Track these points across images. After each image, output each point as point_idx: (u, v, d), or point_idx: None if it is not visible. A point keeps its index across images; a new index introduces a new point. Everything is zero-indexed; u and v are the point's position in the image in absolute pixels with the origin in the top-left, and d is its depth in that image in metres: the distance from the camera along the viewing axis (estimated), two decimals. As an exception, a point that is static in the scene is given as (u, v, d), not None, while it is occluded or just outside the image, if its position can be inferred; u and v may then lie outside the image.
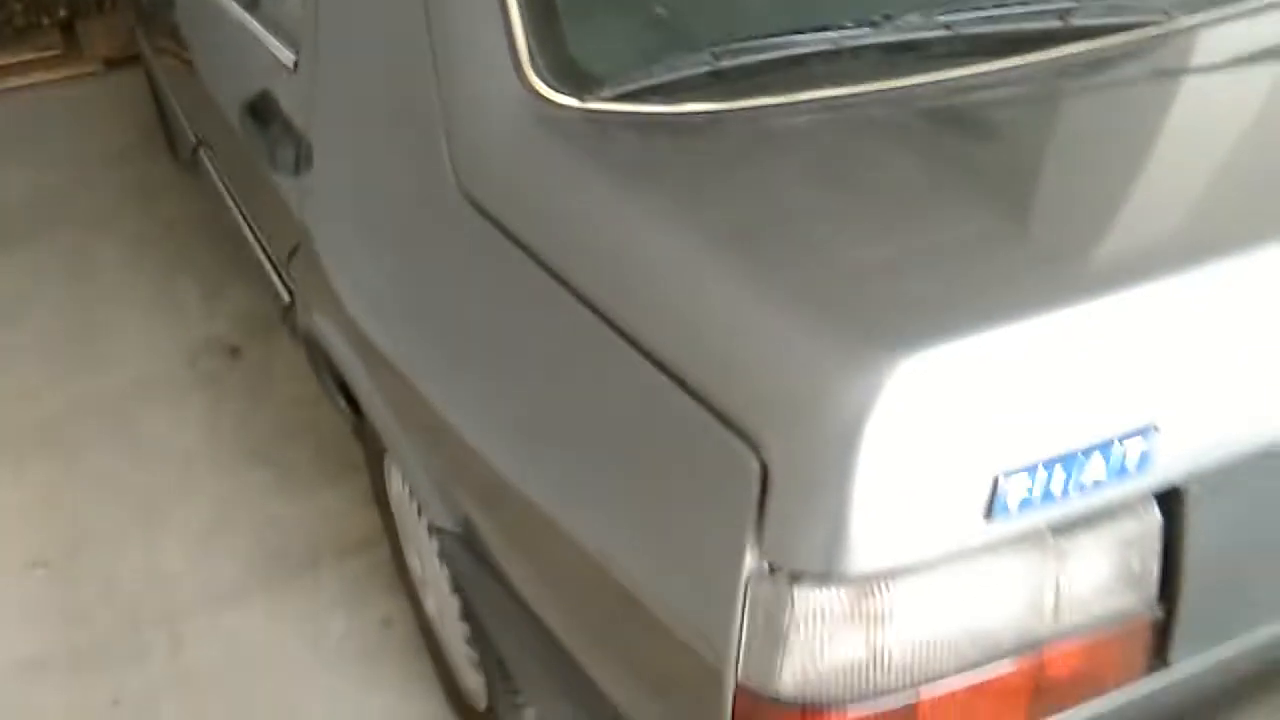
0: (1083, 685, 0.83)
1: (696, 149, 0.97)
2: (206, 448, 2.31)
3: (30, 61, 4.28)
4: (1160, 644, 0.85)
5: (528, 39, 1.05)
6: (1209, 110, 1.00)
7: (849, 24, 1.02)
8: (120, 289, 2.90)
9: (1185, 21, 1.06)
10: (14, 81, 4.19)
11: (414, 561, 1.64)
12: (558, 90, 1.03)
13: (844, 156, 0.94)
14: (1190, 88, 1.03)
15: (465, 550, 1.20)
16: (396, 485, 1.58)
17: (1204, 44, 1.06)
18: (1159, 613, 0.83)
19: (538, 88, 1.03)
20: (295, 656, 1.84)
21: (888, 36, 1.02)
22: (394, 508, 1.66)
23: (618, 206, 0.94)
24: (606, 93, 1.02)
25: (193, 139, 2.39)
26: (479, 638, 1.35)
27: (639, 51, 1.07)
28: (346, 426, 1.74)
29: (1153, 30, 1.05)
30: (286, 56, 1.47)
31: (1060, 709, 0.84)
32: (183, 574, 2.02)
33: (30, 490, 2.26)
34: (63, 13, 4.54)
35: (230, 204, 2.11)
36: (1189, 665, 0.86)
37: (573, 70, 1.04)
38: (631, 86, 1.02)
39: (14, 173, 3.55)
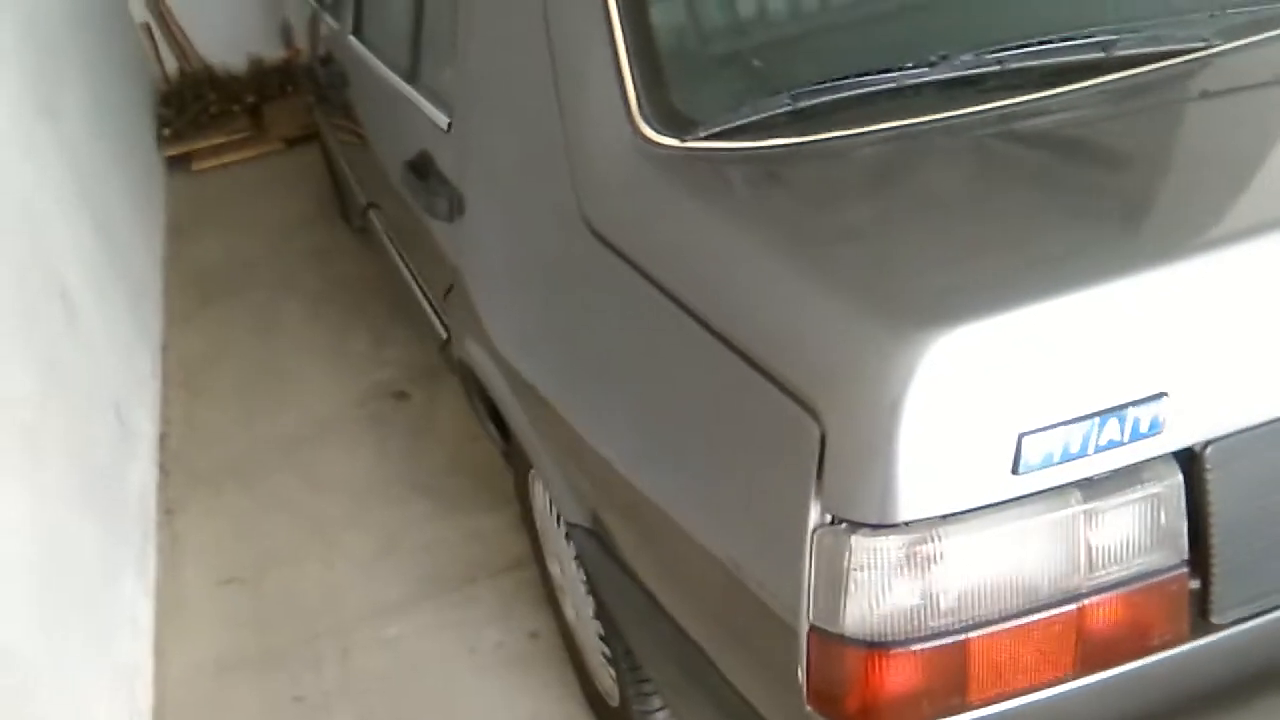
0: (1127, 641, 0.91)
1: (778, 176, 1.12)
2: (375, 481, 2.54)
3: (223, 144, 4.73)
4: (1201, 605, 0.92)
5: (636, 90, 1.21)
6: (1230, 124, 1.08)
7: (909, 64, 1.15)
8: (301, 340, 3.20)
9: (1222, 48, 1.15)
10: (210, 162, 4.64)
11: (555, 569, 1.80)
12: (662, 133, 1.19)
13: (899, 177, 1.07)
14: (1218, 107, 1.11)
15: (595, 544, 1.36)
16: (539, 499, 1.75)
17: (1238, 68, 1.15)
18: (1193, 572, 0.91)
19: (645, 131, 1.20)
20: (452, 664, 2.01)
21: (944, 74, 1.15)
22: (538, 523, 1.83)
23: (711, 228, 1.09)
24: (702, 133, 1.18)
25: (363, 202, 2.66)
26: (610, 632, 1.50)
27: (729, 96, 1.22)
28: (497, 452, 1.93)
29: (1192, 57, 1.15)
30: (441, 120, 1.69)
31: (1107, 664, 0.91)
32: (353, 591, 2.23)
33: (224, 517, 2.53)
34: (250, 99, 5.02)
35: (396, 257, 2.35)
36: (1234, 629, 0.92)
37: (674, 115, 1.20)
38: (723, 127, 1.17)
39: (212, 241, 3.95)
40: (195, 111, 4.90)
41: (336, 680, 2.04)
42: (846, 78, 1.16)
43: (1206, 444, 0.88)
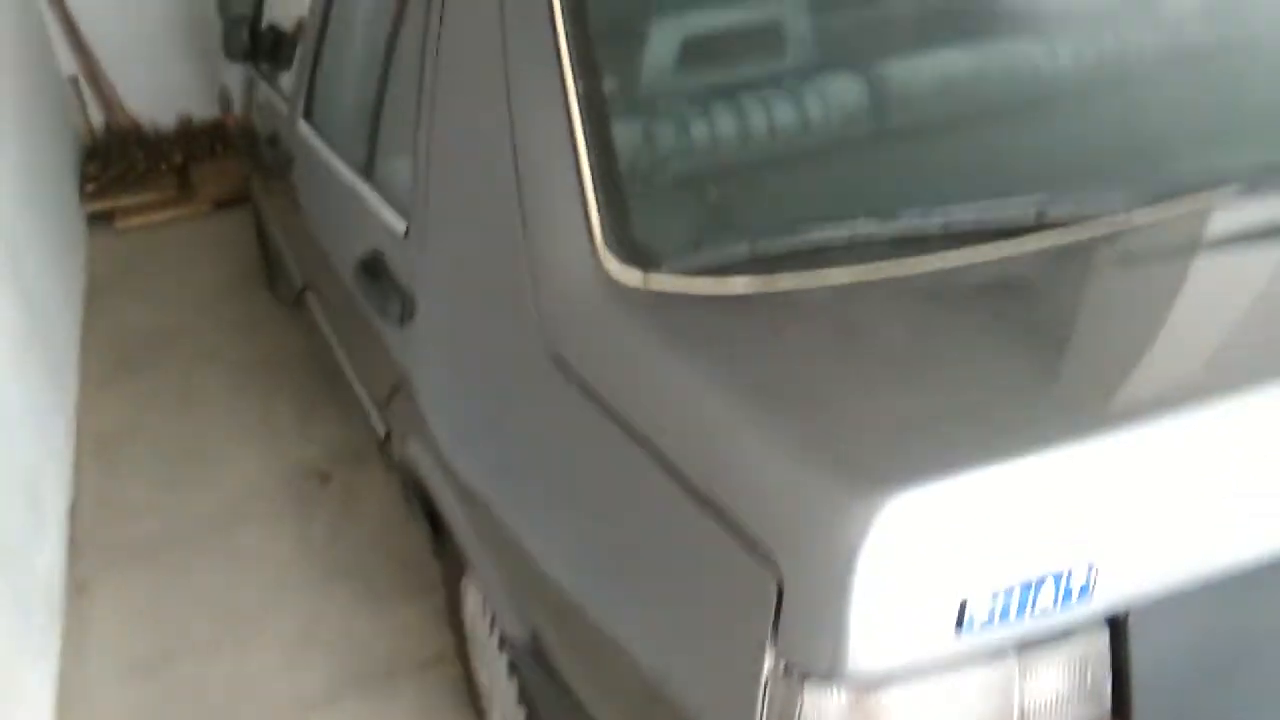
0: None
1: (737, 320, 1.17)
2: (295, 565, 2.50)
3: (148, 203, 4.66)
4: None
5: (601, 221, 1.26)
6: (1151, 291, 1.17)
7: (860, 216, 1.22)
8: (223, 413, 3.15)
9: (1141, 218, 1.24)
10: (134, 220, 4.57)
11: (483, 677, 1.80)
12: (625, 266, 1.23)
13: (856, 330, 1.13)
14: (1136, 273, 1.20)
15: (535, 661, 1.37)
16: (472, 604, 1.75)
17: (1154, 238, 1.23)
18: None
19: (607, 264, 1.24)
20: (370, 763, 1.99)
21: (891, 229, 1.22)
22: (467, 626, 1.83)
23: (671, 369, 1.13)
24: (665, 270, 1.22)
25: (299, 283, 2.66)
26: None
27: (692, 235, 1.28)
28: (428, 548, 1.92)
29: (1111, 224, 1.23)
30: (397, 225, 1.71)
31: None
32: (269, 682, 2.18)
33: (135, 599, 2.46)
34: (179, 158, 4.97)
35: (332, 343, 2.35)
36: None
37: (637, 250, 1.24)
38: (685, 265, 1.22)
39: (133, 304, 3.88)
40: (121, 168, 4.83)
41: (248, 778, 1.99)
42: (804, 226, 1.23)
43: (1129, 609, 0.94)
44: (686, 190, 1.37)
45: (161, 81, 5.20)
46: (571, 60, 1.38)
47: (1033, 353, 1.09)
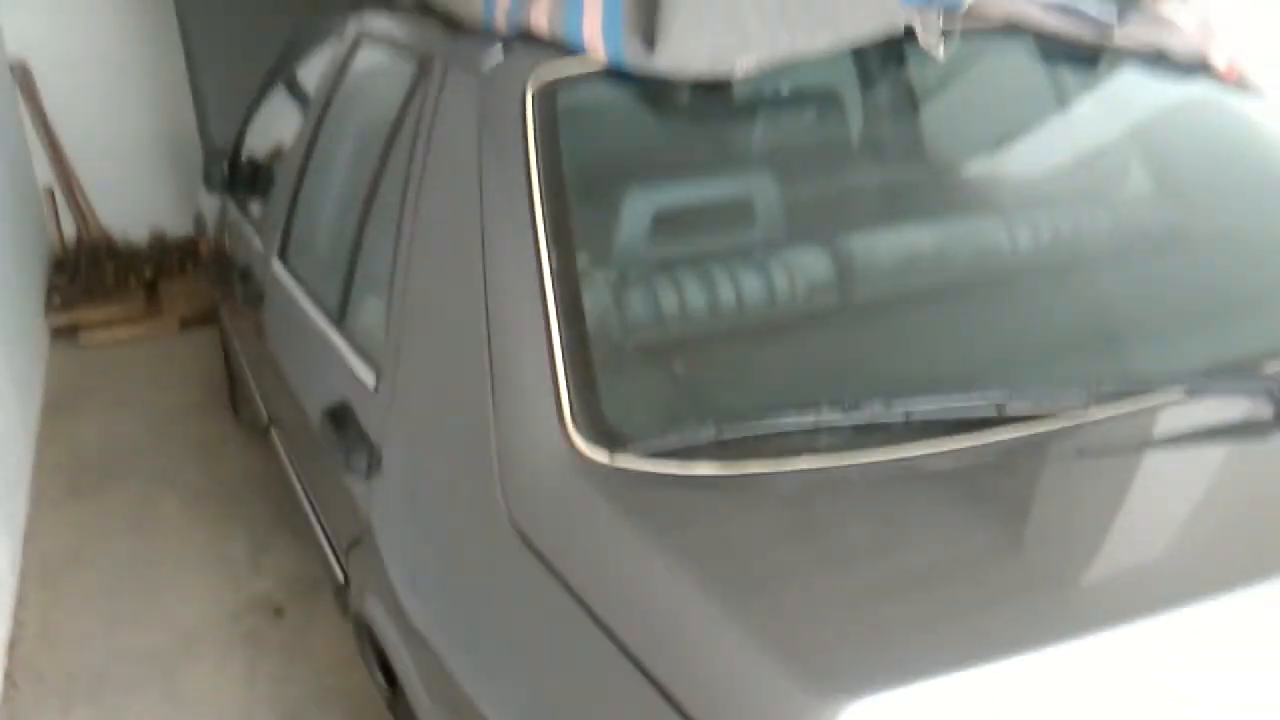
0: None
1: (701, 503, 1.19)
2: (243, 705, 2.43)
3: (114, 318, 4.63)
4: None
5: (570, 400, 1.29)
6: (1105, 491, 1.21)
7: (825, 407, 1.25)
8: (176, 541, 3.09)
9: (1100, 413, 1.28)
10: (99, 335, 4.54)
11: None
12: (592, 445, 1.25)
13: (818, 521, 1.16)
14: (1093, 469, 1.24)
15: None
16: (423, 761, 1.71)
17: (1115, 432, 1.27)
18: None
19: (576, 442, 1.26)
20: None
21: (855, 420, 1.25)
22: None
23: (633, 552, 1.15)
24: (632, 451, 1.25)
25: (265, 418, 2.66)
26: None
27: (660, 417, 1.30)
28: (381, 699, 1.89)
29: (1073, 418, 1.27)
30: (368, 378, 1.73)
31: None
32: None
33: (73, 738, 2.39)
34: (149, 274, 4.98)
35: (295, 482, 2.34)
36: None
37: (605, 429, 1.27)
38: (651, 447, 1.24)
39: (92, 422, 3.84)
40: (90, 281, 4.83)
41: None
42: (769, 412, 1.26)
43: None
44: (655, 371, 1.41)
45: (137, 195, 5.26)
46: (547, 237, 1.43)
47: (995, 551, 1.12)
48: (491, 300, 1.45)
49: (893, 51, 1.71)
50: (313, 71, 2.51)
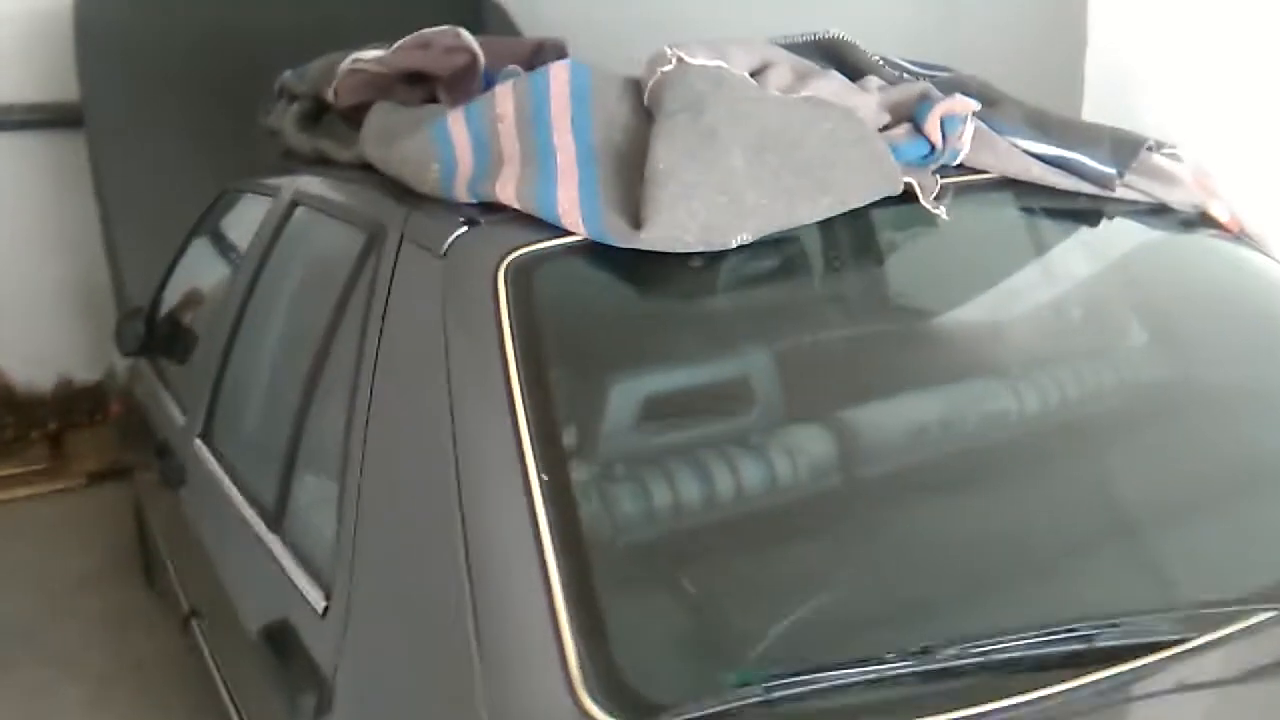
0: None
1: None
2: None
3: (13, 475, 4.31)
4: None
5: (579, 657, 1.06)
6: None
7: (891, 656, 1.06)
8: (78, 746, 2.77)
9: (1198, 641, 1.12)
10: (-3, 497, 4.20)
11: None
12: (611, 715, 1.03)
13: None
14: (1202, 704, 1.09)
15: None
16: None
17: (1213, 660, 1.12)
18: None
19: (590, 710, 1.04)
20: None
21: (927, 666, 1.06)
22: None
23: None
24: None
25: (186, 608, 2.36)
26: None
27: (692, 677, 1.09)
28: None
29: (1171, 650, 1.11)
30: (316, 599, 1.47)
31: None
32: None
33: None
34: (53, 425, 4.65)
35: (222, 689, 2.05)
36: None
37: (627, 695, 1.04)
38: (686, 716, 1.03)
39: (-17, 601, 3.48)
40: (-13, 436, 4.50)
41: None
42: (827, 666, 1.05)
43: None
44: (668, 594, 1.20)
45: (40, 338, 4.92)
46: (532, 436, 1.24)
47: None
48: (468, 511, 1.23)
49: (886, 213, 1.60)
50: (242, 234, 2.30)
